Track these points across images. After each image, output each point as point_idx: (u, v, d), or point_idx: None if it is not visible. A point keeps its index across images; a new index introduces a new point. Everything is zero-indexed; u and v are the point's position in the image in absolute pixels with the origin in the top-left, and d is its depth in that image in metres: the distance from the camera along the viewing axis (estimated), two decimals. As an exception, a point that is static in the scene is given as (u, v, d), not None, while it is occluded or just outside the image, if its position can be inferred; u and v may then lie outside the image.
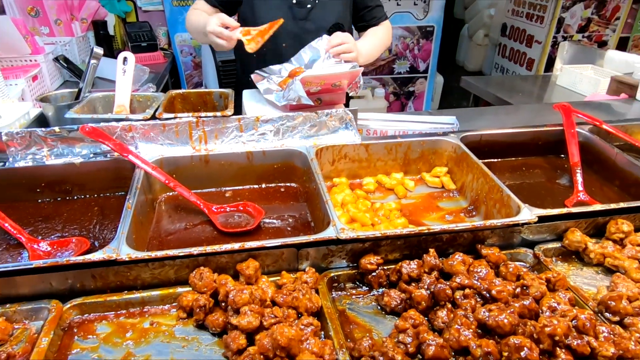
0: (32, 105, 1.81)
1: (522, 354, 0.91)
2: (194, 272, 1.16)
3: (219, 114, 1.64)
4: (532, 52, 4.55)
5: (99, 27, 3.38)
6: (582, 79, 2.84)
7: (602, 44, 4.57)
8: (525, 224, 1.30)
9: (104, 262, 1.12)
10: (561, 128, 1.82)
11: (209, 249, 1.16)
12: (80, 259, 1.12)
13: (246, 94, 1.91)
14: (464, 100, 4.73)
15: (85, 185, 1.58)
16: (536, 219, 1.30)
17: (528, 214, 1.30)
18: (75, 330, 1.09)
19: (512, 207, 1.37)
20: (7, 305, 1.11)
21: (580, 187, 1.61)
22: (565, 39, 4.41)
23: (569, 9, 4.34)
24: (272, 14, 2.00)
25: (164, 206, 1.57)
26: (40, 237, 1.38)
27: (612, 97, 2.60)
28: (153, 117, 1.64)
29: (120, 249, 1.14)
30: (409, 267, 1.20)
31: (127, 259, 1.12)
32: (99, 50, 1.79)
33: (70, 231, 1.43)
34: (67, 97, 1.88)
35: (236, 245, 1.17)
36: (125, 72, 1.76)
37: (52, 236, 1.40)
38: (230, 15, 2.14)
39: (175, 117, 1.61)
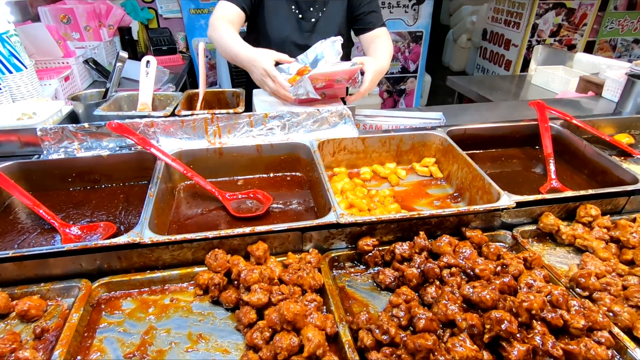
0: (64, 103, 1.77)
1: (502, 326, 0.89)
2: (210, 254, 1.14)
3: (231, 111, 1.60)
4: (510, 55, 4.47)
5: (124, 33, 3.32)
6: (554, 79, 2.79)
7: (572, 47, 4.49)
8: (505, 209, 1.27)
9: (129, 245, 1.10)
10: (536, 123, 1.79)
11: (223, 232, 1.13)
12: (107, 242, 1.09)
13: (256, 92, 1.87)
14: (449, 97, 4.66)
15: (112, 175, 1.55)
16: (514, 205, 1.27)
17: (507, 200, 1.27)
18: (103, 307, 1.07)
19: (492, 194, 1.34)
20: (42, 285, 1.09)
21: (553, 176, 1.58)
22: (539, 42, 4.33)
23: (542, 16, 4.25)
24: (282, 26, 1.95)
25: (183, 194, 1.54)
26: (71, 222, 1.35)
27: (580, 95, 2.55)
28: (173, 114, 1.61)
29: (143, 233, 1.12)
30: (402, 248, 1.17)
31: (149, 242, 1.10)
32: (124, 54, 1.75)
33: (99, 217, 1.40)
34: (96, 96, 1.84)
35: (247, 229, 1.14)
36: (148, 73, 1.72)
37: (82, 221, 1.37)
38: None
39: (192, 114, 1.58)
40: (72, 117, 1.79)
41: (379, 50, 1.99)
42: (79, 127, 1.51)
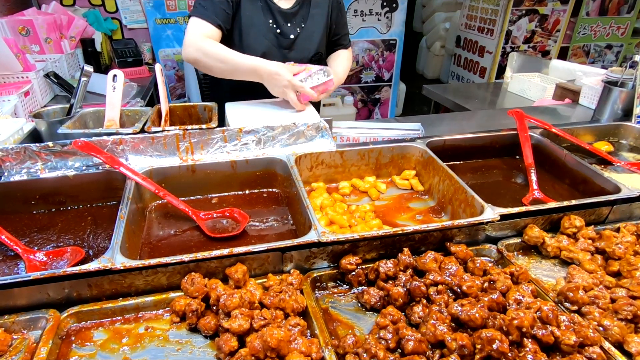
0: (25, 121, 1.72)
1: (494, 346, 0.90)
2: (186, 278, 1.11)
3: (204, 126, 1.59)
4: (484, 62, 4.60)
5: (87, 45, 3.26)
6: (530, 86, 2.88)
7: (545, 54, 4.66)
8: (489, 222, 1.30)
9: (100, 272, 1.07)
10: (515, 132, 1.83)
11: (200, 255, 1.11)
12: (76, 269, 1.06)
13: (229, 107, 1.86)
14: (424, 106, 4.76)
15: (78, 196, 1.51)
16: (498, 218, 1.29)
17: (491, 213, 1.30)
18: (73, 338, 1.03)
19: (476, 207, 1.37)
20: (5, 317, 1.04)
21: (535, 186, 1.62)
22: (512, 49, 4.48)
23: (515, 22, 4.40)
24: (259, 41, 1.93)
25: (154, 214, 1.51)
26: (36, 248, 1.31)
27: (557, 102, 2.64)
28: (142, 131, 1.58)
29: (114, 258, 1.09)
30: (386, 266, 1.17)
31: (121, 268, 1.07)
32: (89, 69, 1.71)
33: (65, 241, 1.36)
34: (59, 113, 1.80)
35: (225, 251, 1.13)
36: (115, 88, 1.69)
37: (48, 246, 1.33)
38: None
39: (163, 130, 1.55)
40: (34, 136, 1.74)
41: (340, 67, 2.16)
42: (42, 147, 1.47)
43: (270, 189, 1.64)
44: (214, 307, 1.07)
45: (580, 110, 2.49)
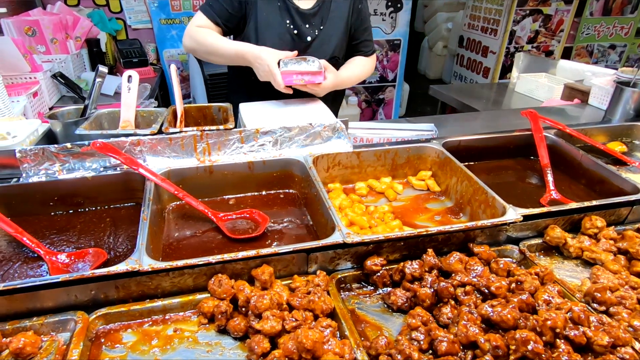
0: (39, 122, 1.71)
1: (529, 347, 0.90)
2: (213, 280, 1.12)
3: (221, 127, 1.59)
4: (488, 62, 4.62)
5: (92, 45, 3.26)
6: (537, 86, 2.89)
7: (549, 54, 4.68)
8: (512, 223, 1.30)
9: (128, 274, 1.07)
10: (529, 133, 1.84)
11: (227, 256, 1.12)
12: (104, 271, 1.06)
13: (244, 107, 1.86)
14: (427, 106, 4.77)
15: (97, 197, 1.50)
16: (521, 218, 1.30)
17: (514, 213, 1.30)
18: (103, 340, 1.03)
19: (497, 208, 1.37)
20: (34, 319, 1.04)
21: (552, 187, 1.63)
22: (516, 49, 4.50)
23: (519, 22, 4.42)
24: (275, 42, 1.91)
25: (172, 215, 1.51)
26: (56, 249, 1.31)
27: (566, 103, 2.65)
28: (160, 132, 1.58)
29: (142, 260, 1.09)
30: (412, 267, 1.18)
31: (149, 269, 1.07)
32: (104, 69, 1.71)
33: (85, 242, 1.36)
34: (73, 114, 1.79)
35: (252, 252, 1.13)
36: (130, 89, 1.69)
37: (69, 248, 1.33)
38: (228, 34, 2.05)
39: (180, 131, 1.56)
40: (49, 137, 1.73)
41: (346, 70, 2.09)
42: (61, 148, 1.47)
43: (287, 190, 1.65)
44: (243, 309, 1.07)
45: (590, 110, 2.50)
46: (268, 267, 1.14)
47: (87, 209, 1.51)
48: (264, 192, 1.64)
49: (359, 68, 2.14)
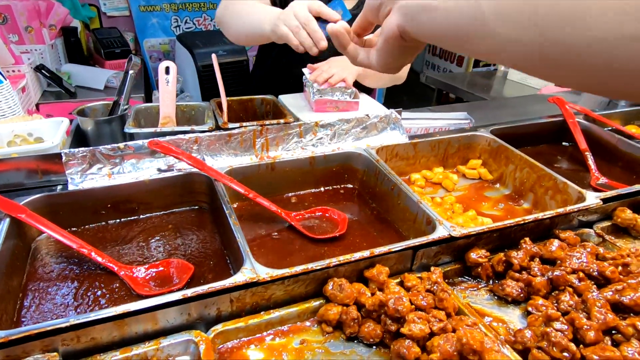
0: (61, 120, 1.52)
1: (676, 328, 0.92)
2: (331, 285, 1.04)
3: (282, 121, 1.49)
4: (463, 51, 4.71)
5: (69, 34, 2.96)
6: (531, 74, 2.97)
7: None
8: (593, 207, 1.32)
9: (246, 285, 0.97)
10: (561, 119, 1.89)
11: (342, 258, 1.05)
12: (220, 284, 0.95)
13: (286, 99, 1.76)
14: (404, 95, 4.79)
15: (152, 202, 1.36)
16: (601, 202, 1.32)
17: (593, 197, 1.33)
18: (230, 361, 0.93)
19: (570, 193, 1.39)
20: (147, 344, 0.92)
21: (595, 170, 1.67)
22: (490, 39, 4.61)
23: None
24: None
25: (240, 216, 1.40)
26: (125, 264, 1.16)
27: (561, 89, 2.75)
28: (218, 128, 1.46)
29: (256, 269, 0.99)
30: (518, 257, 1.17)
31: (268, 279, 0.98)
32: (137, 60, 1.55)
33: (156, 253, 1.22)
34: (99, 111, 1.61)
35: (366, 253, 1.07)
36: (168, 82, 1.54)
37: (138, 260, 1.19)
38: None
39: (240, 127, 1.44)
40: (78, 137, 1.55)
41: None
42: (112, 149, 1.31)
43: (347, 185, 1.58)
44: (374, 313, 1.00)
45: (586, 96, 2.61)
46: (384, 267, 1.08)
47: (141, 216, 1.36)
48: (322, 189, 1.56)
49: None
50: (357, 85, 1.90)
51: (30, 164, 1.29)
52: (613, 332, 0.99)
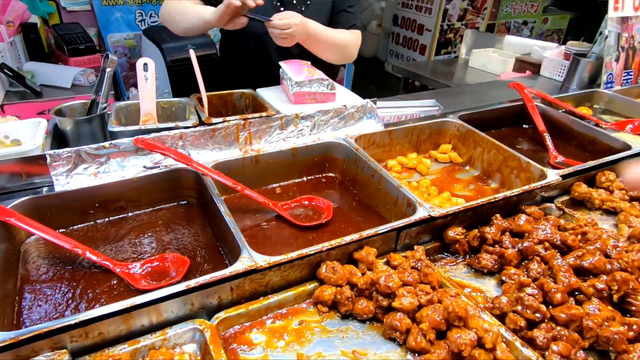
0: (39, 121, 1.51)
1: (630, 285, 1.04)
2: (324, 268, 1.11)
3: (264, 114, 1.53)
4: (424, 39, 4.84)
5: (28, 31, 2.87)
6: (490, 61, 3.12)
7: (476, 30, 5.03)
8: (554, 183, 1.44)
9: (245, 272, 1.02)
10: (521, 103, 2.01)
11: (334, 242, 1.11)
12: (221, 273, 1.00)
13: (265, 92, 1.80)
14: (370, 84, 4.89)
15: (140, 200, 1.38)
16: (561, 179, 1.44)
17: (554, 175, 1.44)
18: (235, 345, 0.99)
19: (532, 172, 1.50)
20: (154, 335, 0.96)
21: (553, 149, 1.80)
22: (449, 27, 4.77)
23: (451, 1, 4.68)
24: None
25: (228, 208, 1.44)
26: (120, 261, 1.19)
27: (520, 75, 2.90)
28: (201, 123, 1.48)
29: (253, 257, 1.05)
30: (491, 231, 1.27)
31: (265, 265, 1.03)
32: (114, 58, 1.54)
33: (148, 249, 1.25)
34: (77, 110, 1.60)
35: (355, 236, 1.14)
36: (147, 79, 1.55)
37: (132, 257, 1.22)
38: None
39: (224, 121, 1.47)
40: (57, 137, 1.54)
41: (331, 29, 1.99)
42: (97, 148, 1.32)
43: (328, 174, 1.64)
44: (366, 291, 1.08)
45: (543, 80, 2.76)
46: (371, 249, 1.16)
47: (130, 214, 1.38)
48: (305, 179, 1.62)
49: (334, 32, 2.00)
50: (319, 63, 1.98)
51: (13, 167, 1.29)
52: (576, 293, 1.10)
